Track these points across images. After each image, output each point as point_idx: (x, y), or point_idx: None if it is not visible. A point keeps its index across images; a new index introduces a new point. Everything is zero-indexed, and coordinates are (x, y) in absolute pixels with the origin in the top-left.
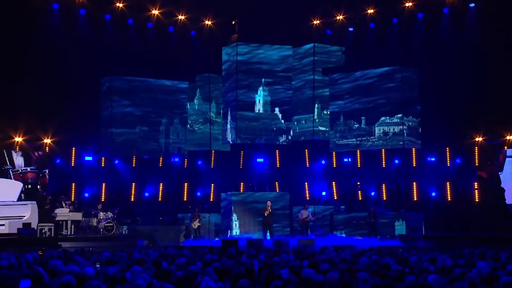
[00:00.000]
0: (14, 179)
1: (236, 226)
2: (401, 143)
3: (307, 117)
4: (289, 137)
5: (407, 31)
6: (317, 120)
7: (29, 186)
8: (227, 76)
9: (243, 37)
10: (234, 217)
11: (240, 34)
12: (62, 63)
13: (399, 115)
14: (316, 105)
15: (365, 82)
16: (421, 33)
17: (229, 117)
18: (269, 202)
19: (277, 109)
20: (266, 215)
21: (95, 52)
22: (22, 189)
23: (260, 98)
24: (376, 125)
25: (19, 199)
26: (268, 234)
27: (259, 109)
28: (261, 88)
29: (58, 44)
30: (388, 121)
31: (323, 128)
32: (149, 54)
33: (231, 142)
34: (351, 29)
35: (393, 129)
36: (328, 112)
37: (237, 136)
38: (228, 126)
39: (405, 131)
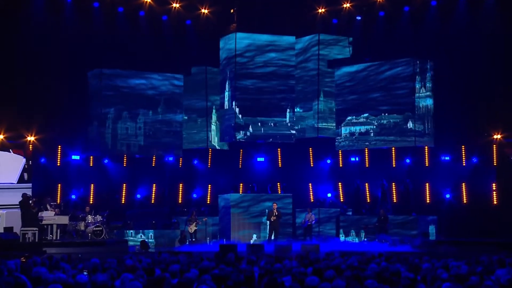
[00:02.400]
0: (14, 152)
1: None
2: (367, 143)
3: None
4: (248, 134)
5: (420, 20)
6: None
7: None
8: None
9: (242, 27)
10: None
11: (239, 24)
12: (47, 55)
13: (365, 115)
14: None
15: (368, 76)
16: (434, 22)
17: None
18: (275, 204)
19: (234, 103)
20: (272, 220)
21: (83, 43)
22: (24, 166)
23: (228, 93)
24: (342, 125)
25: (21, 179)
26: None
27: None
28: (227, 82)
29: (43, 34)
30: (355, 120)
31: (297, 127)
32: (141, 45)
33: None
34: (358, 18)
35: (360, 129)
36: (299, 110)
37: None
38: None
39: (372, 131)
